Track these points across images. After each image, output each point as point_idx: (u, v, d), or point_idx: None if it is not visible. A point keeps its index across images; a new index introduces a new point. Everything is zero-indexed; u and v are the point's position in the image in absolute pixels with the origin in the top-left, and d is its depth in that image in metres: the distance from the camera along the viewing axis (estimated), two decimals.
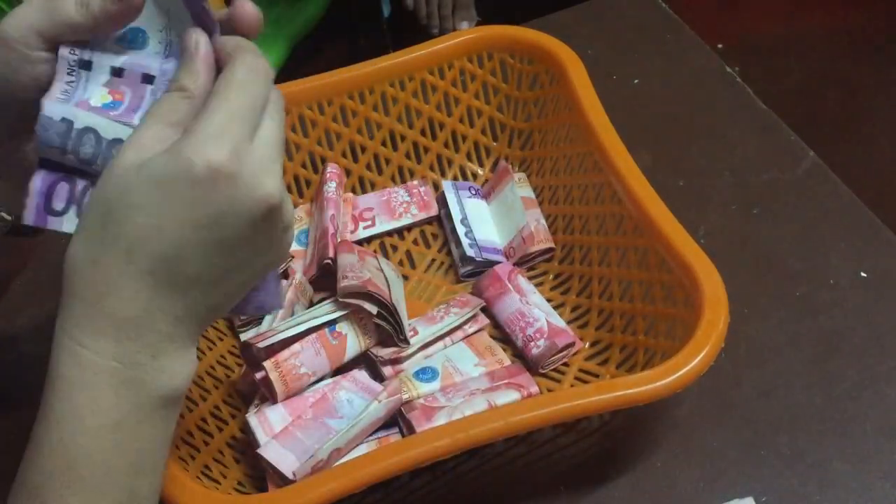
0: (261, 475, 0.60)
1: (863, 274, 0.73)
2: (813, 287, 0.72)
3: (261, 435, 0.60)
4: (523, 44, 0.76)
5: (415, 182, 0.79)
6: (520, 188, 0.76)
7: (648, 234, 0.63)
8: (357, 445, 0.60)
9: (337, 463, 0.58)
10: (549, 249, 0.74)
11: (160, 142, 0.40)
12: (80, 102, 0.44)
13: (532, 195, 0.76)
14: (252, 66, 0.42)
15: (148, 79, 0.45)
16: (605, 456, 0.64)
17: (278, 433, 0.59)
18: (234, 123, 0.40)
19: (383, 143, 0.78)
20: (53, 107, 0.43)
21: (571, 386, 0.66)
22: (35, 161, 0.45)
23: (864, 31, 1.88)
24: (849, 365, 0.67)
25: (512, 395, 0.63)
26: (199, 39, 0.43)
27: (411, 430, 0.60)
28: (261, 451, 0.58)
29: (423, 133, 0.79)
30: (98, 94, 0.45)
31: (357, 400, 0.62)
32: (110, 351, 0.40)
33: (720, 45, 1.57)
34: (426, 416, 0.60)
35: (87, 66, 0.45)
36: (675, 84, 0.89)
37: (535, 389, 0.64)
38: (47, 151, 0.44)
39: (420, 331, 0.67)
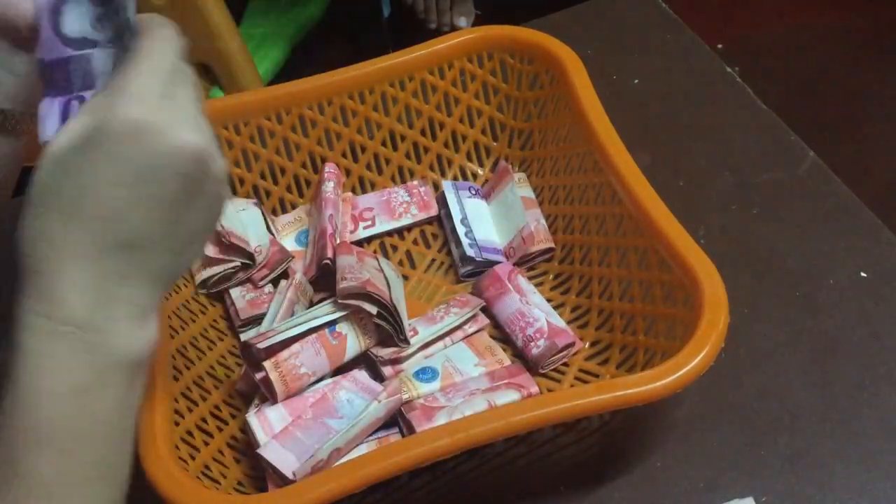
0: (261, 475, 0.60)
1: (863, 274, 0.73)
2: (813, 287, 0.72)
3: (261, 435, 0.60)
4: (523, 44, 0.76)
5: (415, 182, 0.79)
6: (520, 188, 0.76)
7: (648, 235, 0.63)
8: (357, 445, 0.60)
9: (337, 463, 0.58)
10: (549, 249, 0.74)
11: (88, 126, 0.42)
12: None
13: (532, 195, 0.76)
14: (160, 36, 0.44)
15: None
16: (605, 456, 0.64)
17: (278, 433, 0.59)
18: (148, 80, 0.41)
19: (383, 143, 0.78)
20: None
21: (571, 386, 0.66)
22: None
23: (864, 31, 1.88)
24: (849, 365, 0.67)
25: (512, 395, 0.63)
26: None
27: (411, 430, 0.60)
28: (261, 451, 0.58)
29: (423, 133, 0.79)
30: None
31: (357, 400, 0.62)
32: (66, 317, 0.41)
33: (720, 45, 1.58)
34: (426, 416, 0.60)
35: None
36: (675, 84, 0.89)
37: (535, 389, 0.64)
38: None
39: (420, 331, 0.67)
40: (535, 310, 0.68)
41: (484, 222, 0.76)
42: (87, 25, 0.44)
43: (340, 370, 0.65)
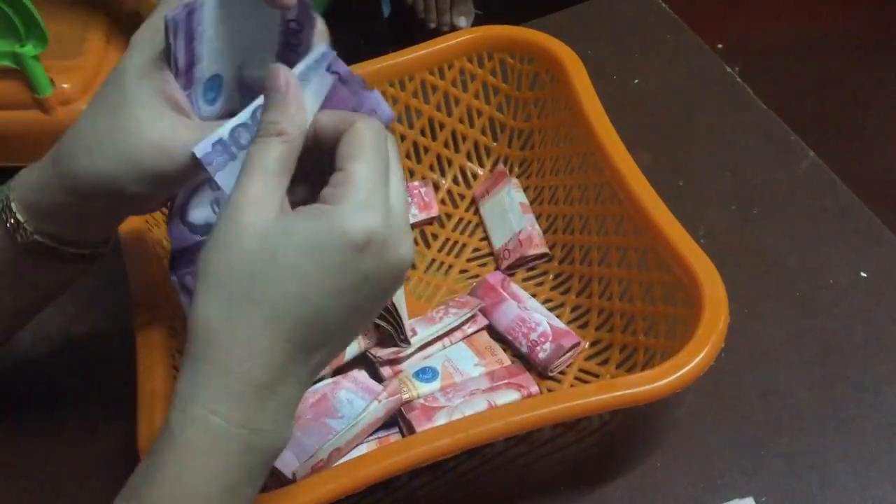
0: None
1: (863, 274, 0.73)
2: (813, 287, 0.72)
3: None
4: (523, 44, 0.76)
5: (415, 183, 0.79)
6: (517, 193, 0.76)
7: (648, 235, 0.63)
8: (357, 445, 0.60)
9: (337, 463, 0.58)
10: (544, 254, 0.74)
11: (273, 194, 0.39)
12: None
13: (525, 200, 0.76)
14: (374, 121, 0.42)
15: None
16: (605, 456, 0.64)
17: None
18: (378, 188, 0.40)
19: None
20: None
21: (571, 386, 0.66)
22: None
23: (864, 31, 1.88)
24: (849, 365, 0.67)
25: (512, 395, 0.63)
26: (285, 76, 0.41)
27: (411, 430, 0.60)
28: None
29: (422, 133, 0.79)
30: None
31: (357, 400, 0.62)
32: (239, 418, 0.39)
33: (720, 45, 1.57)
34: (426, 416, 0.60)
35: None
36: (675, 84, 0.89)
37: (535, 389, 0.64)
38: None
39: (419, 331, 0.67)
40: (534, 314, 0.68)
41: None
42: (210, 210, 0.45)
43: (340, 371, 0.65)
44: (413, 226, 0.78)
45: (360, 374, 0.64)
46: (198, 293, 0.39)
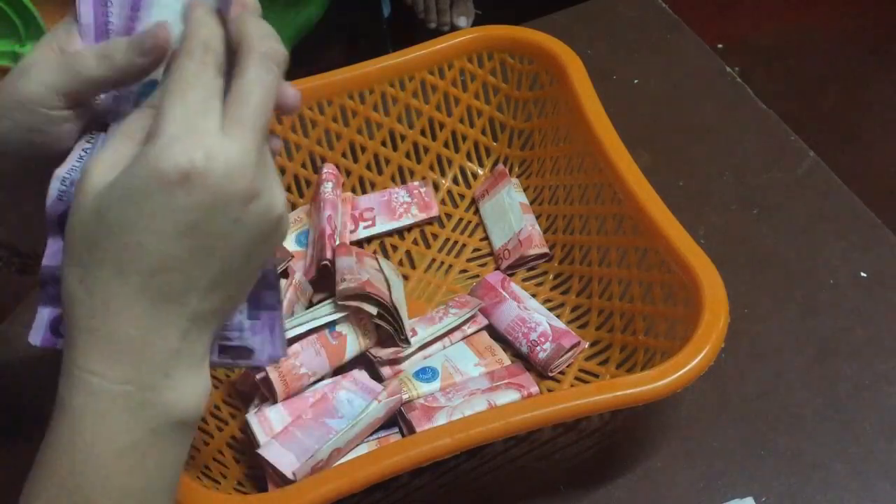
0: (261, 475, 0.60)
1: (863, 274, 0.73)
2: (813, 287, 0.72)
3: (261, 435, 0.60)
4: (523, 44, 0.76)
5: (415, 183, 0.79)
6: (517, 193, 0.76)
7: (648, 235, 0.63)
8: (357, 445, 0.60)
9: (337, 463, 0.58)
10: (544, 254, 0.74)
11: (124, 157, 0.39)
12: None
13: (526, 200, 0.76)
14: (260, 57, 0.40)
15: None
16: (605, 456, 0.64)
17: (278, 433, 0.59)
18: (196, 116, 0.38)
19: (383, 143, 0.78)
20: (55, 183, 0.43)
21: (571, 386, 0.66)
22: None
23: (864, 31, 1.88)
24: (849, 365, 0.67)
25: (512, 395, 0.63)
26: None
27: (411, 430, 0.60)
28: (261, 450, 0.58)
29: (423, 133, 0.79)
30: None
31: (357, 400, 0.62)
32: (121, 375, 0.39)
33: (720, 45, 1.58)
34: (426, 416, 0.60)
35: (103, 128, 0.44)
36: (675, 84, 0.89)
37: (535, 389, 0.64)
38: (53, 219, 0.43)
39: (419, 331, 0.67)
40: (534, 314, 0.68)
41: None
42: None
43: (340, 370, 0.65)
44: (413, 226, 0.78)
45: (361, 374, 0.64)
46: (62, 262, 0.40)
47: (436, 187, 0.80)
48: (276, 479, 0.58)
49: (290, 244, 0.75)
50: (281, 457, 0.57)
